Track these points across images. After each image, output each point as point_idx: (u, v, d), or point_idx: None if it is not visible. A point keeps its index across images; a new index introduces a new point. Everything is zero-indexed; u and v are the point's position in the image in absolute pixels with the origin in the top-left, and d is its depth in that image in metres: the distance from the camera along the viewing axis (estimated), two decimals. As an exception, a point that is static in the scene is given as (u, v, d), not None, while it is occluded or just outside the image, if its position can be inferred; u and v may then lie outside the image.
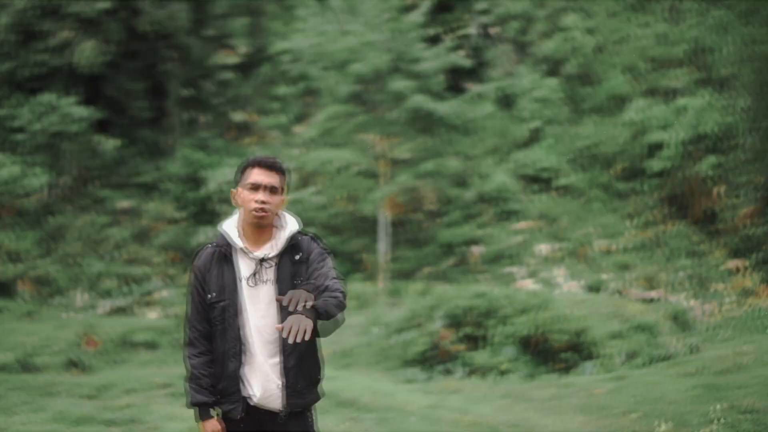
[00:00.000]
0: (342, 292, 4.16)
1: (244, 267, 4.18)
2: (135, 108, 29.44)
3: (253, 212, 4.12)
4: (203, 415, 4.18)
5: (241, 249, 4.18)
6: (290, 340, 3.78)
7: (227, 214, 4.36)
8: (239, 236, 4.21)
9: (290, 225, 4.29)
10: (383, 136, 23.16)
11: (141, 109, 29.67)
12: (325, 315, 3.97)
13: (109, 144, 28.02)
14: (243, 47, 33.11)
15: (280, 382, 4.15)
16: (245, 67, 32.74)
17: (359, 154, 23.77)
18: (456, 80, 29.74)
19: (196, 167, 26.67)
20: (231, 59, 32.71)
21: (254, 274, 4.14)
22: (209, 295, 4.18)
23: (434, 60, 23.04)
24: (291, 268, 4.19)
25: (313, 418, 4.34)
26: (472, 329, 15.33)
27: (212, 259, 4.24)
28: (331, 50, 23.50)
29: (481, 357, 14.87)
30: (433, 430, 8.35)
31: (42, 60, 28.05)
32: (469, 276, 23.84)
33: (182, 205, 26.69)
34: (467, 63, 26.25)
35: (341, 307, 4.12)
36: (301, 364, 4.18)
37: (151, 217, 26.79)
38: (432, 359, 15.20)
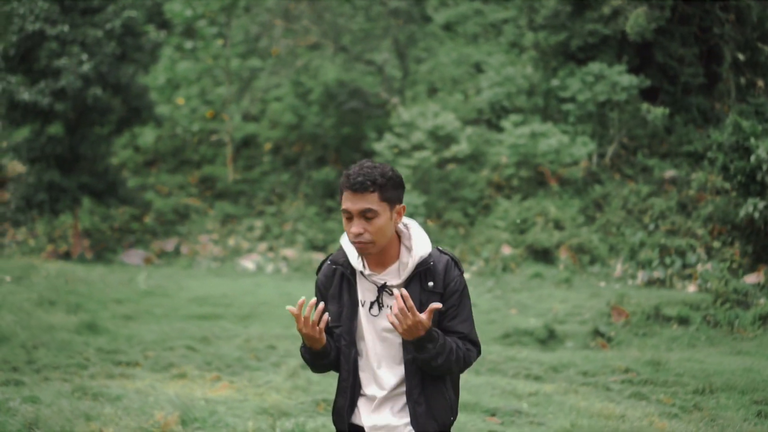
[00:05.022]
0: (477, 346, 3.57)
1: (364, 291, 3.58)
2: (686, 74, 28.33)
3: (355, 244, 3.47)
4: None
5: (361, 273, 3.56)
6: (400, 329, 3.38)
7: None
8: (359, 256, 3.57)
9: (418, 247, 3.52)
10: None
11: (692, 75, 28.46)
12: (440, 356, 3.46)
13: (656, 112, 27.32)
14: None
15: (404, 416, 3.55)
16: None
17: None
18: None
19: (746, 135, 24.86)
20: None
21: (376, 301, 3.55)
22: (328, 317, 3.61)
23: None
24: (420, 296, 3.48)
25: None
26: None
27: (333, 276, 3.64)
28: None
29: None
30: None
31: (593, 29, 28.22)
32: None
33: (729, 175, 25.08)
34: None
35: (466, 364, 3.53)
36: (430, 406, 3.54)
37: (697, 188, 25.63)
38: None
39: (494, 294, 20.29)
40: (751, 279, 21.18)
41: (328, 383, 9.31)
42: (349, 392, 3.62)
